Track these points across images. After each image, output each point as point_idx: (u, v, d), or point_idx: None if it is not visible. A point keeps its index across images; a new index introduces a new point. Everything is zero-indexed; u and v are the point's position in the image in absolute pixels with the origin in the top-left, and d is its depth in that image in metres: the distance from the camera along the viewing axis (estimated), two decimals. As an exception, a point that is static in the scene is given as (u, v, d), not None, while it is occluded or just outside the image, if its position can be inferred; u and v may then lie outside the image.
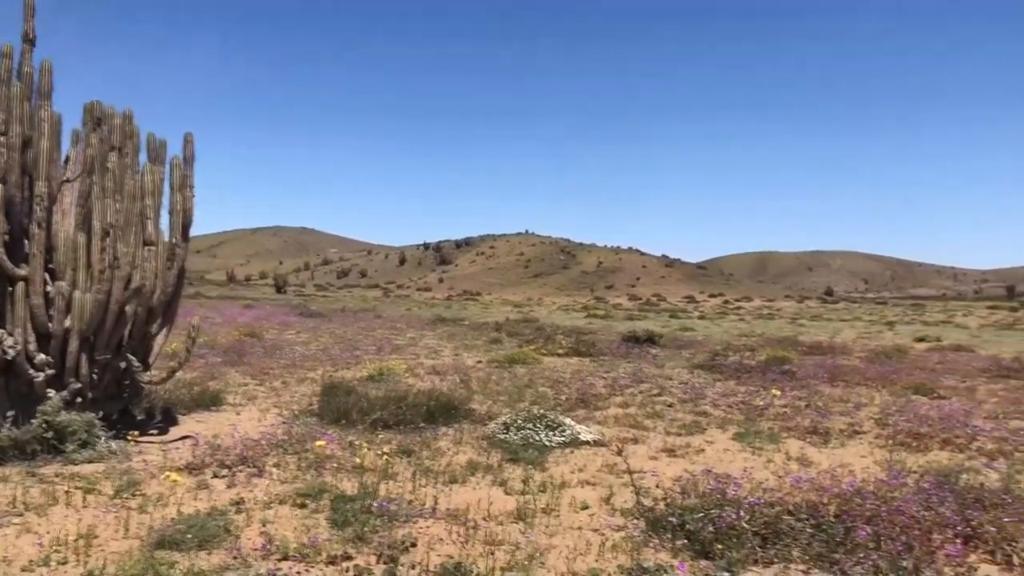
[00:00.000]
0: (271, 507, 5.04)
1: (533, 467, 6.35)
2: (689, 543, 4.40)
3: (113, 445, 6.47)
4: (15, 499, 5.00)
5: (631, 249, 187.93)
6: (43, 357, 6.56)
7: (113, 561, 3.98)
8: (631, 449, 7.15)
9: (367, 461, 6.24)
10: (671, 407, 9.75)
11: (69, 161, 7.25)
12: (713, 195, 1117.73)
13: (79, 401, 6.77)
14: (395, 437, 7.36)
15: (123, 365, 7.25)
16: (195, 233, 8.11)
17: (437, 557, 4.17)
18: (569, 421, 7.74)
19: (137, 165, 7.45)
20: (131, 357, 7.25)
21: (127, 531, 4.48)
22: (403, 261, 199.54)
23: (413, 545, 4.34)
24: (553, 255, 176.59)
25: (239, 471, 5.87)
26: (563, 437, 7.28)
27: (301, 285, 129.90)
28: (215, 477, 5.76)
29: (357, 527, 4.52)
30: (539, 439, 7.15)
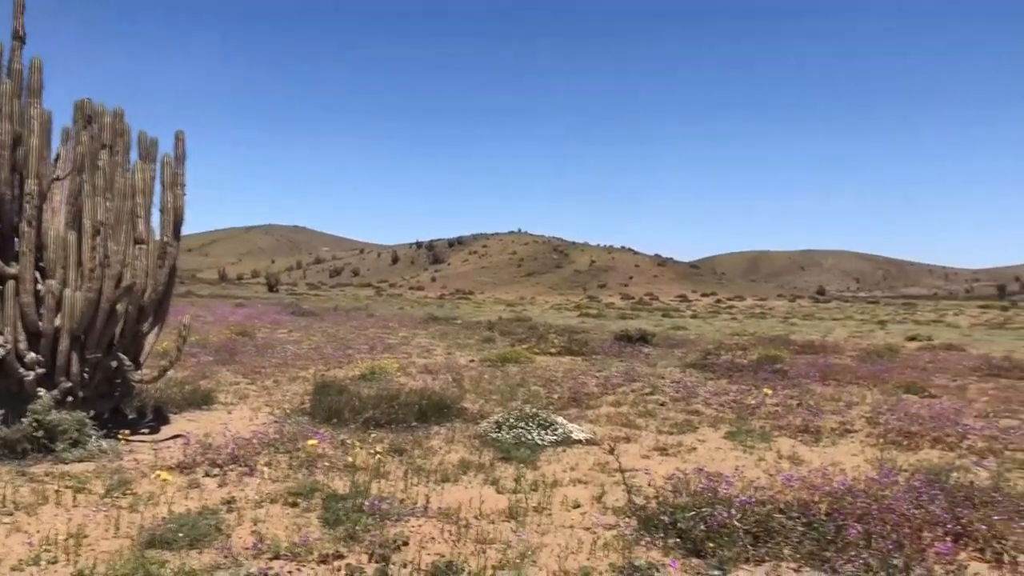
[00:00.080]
0: (262, 506, 5.03)
1: (525, 466, 6.35)
2: (681, 541, 4.42)
3: (104, 444, 6.44)
4: (5, 498, 4.97)
5: (624, 248, 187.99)
6: (33, 356, 6.52)
7: (103, 560, 3.96)
8: (623, 448, 7.17)
9: (359, 460, 6.23)
10: (663, 406, 9.77)
11: (59, 159, 7.21)
12: (706, 195, 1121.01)
13: (70, 400, 6.74)
14: (387, 436, 7.35)
15: (114, 364, 7.21)
16: (187, 231, 8.08)
17: (429, 556, 4.17)
18: (561, 420, 7.75)
19: (128, 163, 7.42)
20: (122, 356, 7.22)
21: (117, 530, 4.46)
22: (396, 260, 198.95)
23: (405, 544, 4.34)
24: (546, 254, 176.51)
25: (230, 470, 5.85)
26: (555, 436, 7.29)
27: (293, 284, 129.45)
28: (206, 476, 5.75)
29: (349, 526, 4.51)
30: (531, 438, 7.16)
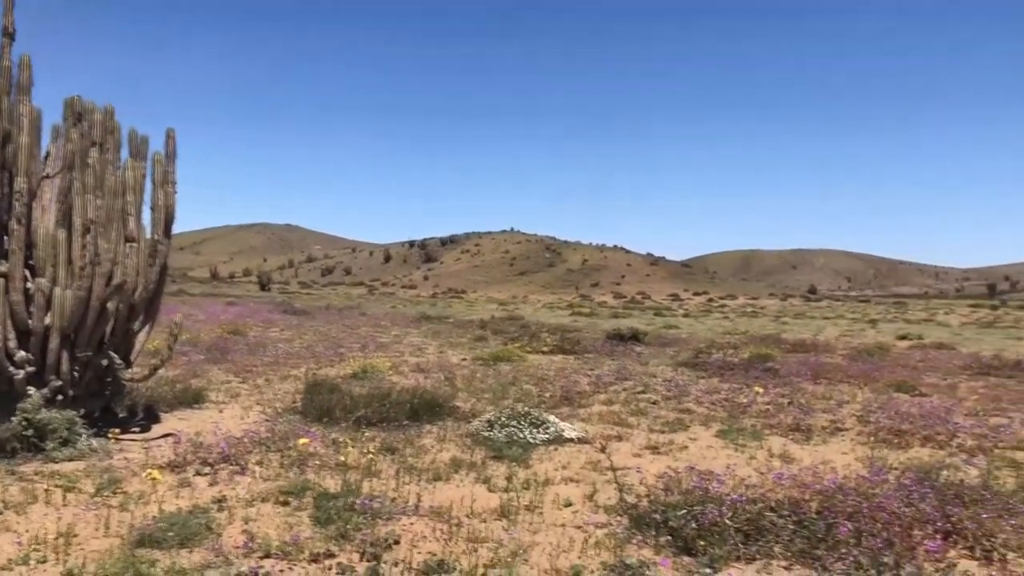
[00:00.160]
0: (253, 505, 5.02)
1: (517, 464, 6.35)
2: (672, 540, 4.43)
3: (94, 443, 6.41)
4: (-7, 498, 4.94)
5: (616, 247, 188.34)
6: (23, 354, 6.48)
7: (93, 559, 3.94)
8: (615, 446, 7.18)
9: (350, 459, 6.22)
10: (655, 404, 9.80)
11: (49, 157, 7.16)
12: (698, 194, 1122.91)
13: (60, 399, 6.70)
14: (379, 435, 7.34)
15: (104, 362, 7.18)
16: (178, 230, 8.05)
17: (420, 554, 4.17)
18: (553, 418, 7.76)
19: (118, 161, 7.38)
20: (113, 354, 7.18)
21: (108, 529, 4.44)
22: (388, 259, 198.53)
23: (396, 542, 4.34)
24: (538, 253, 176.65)
25: (221, 469, 5.83)
26: (547, 434, 7.30)
27: (285, 282, 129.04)
28: (197, 475, 5.73)
29: (340, 525, 4.50)
30: (523, 436, 7.16)
